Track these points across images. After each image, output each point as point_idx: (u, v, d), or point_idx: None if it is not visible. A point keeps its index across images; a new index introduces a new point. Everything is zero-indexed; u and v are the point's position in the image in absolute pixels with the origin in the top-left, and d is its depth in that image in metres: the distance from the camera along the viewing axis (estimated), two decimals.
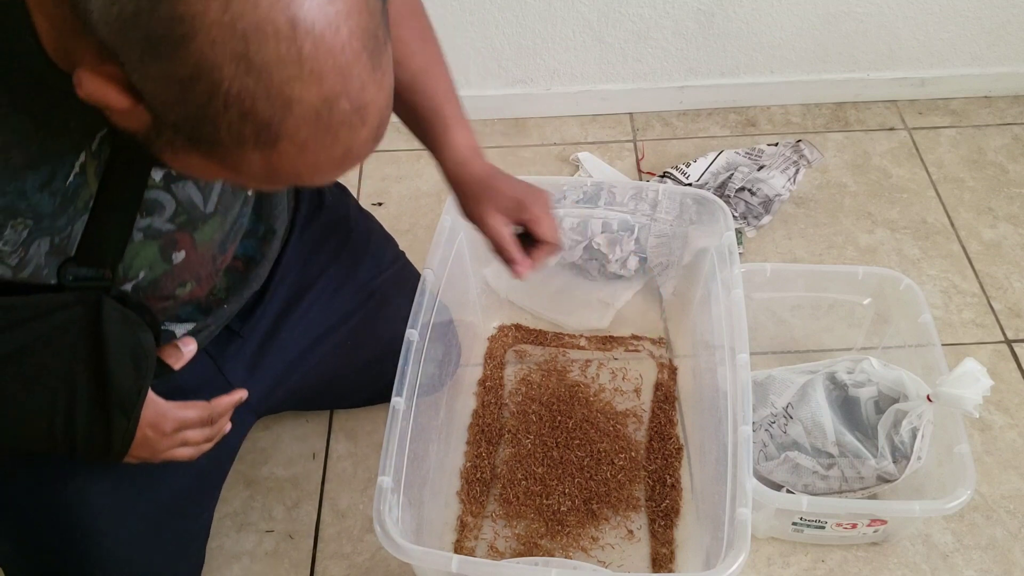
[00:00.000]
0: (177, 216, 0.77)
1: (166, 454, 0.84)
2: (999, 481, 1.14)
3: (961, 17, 1.57)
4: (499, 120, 1.68)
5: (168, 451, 0.84)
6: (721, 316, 1.05)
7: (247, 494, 1.15)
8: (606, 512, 1.11)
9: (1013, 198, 1.51)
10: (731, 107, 1.69)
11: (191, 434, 0.84)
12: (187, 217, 0.78)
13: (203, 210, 0.79)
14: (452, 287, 1.13)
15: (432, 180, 1.57)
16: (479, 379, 1.26)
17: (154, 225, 0.76)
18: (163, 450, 0.83)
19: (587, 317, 1.32)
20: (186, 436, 0.84)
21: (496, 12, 1.53)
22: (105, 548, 0.88)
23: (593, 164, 1.56)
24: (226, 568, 1.09)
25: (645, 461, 1.16)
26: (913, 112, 1.67)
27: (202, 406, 0.85)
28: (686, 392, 1.24)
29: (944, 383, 0.97)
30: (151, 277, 0.79)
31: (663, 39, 1.58)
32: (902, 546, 1.08)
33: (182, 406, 0.83)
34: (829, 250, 1.43)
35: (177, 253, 0.80)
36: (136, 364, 0.74)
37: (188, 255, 0.81)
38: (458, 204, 0.94)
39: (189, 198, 0.77)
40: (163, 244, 0.78)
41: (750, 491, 0.86)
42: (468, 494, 1.13)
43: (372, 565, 1.08)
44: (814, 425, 1.05)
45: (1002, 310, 1.34)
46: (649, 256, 1.28)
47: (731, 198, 1.43)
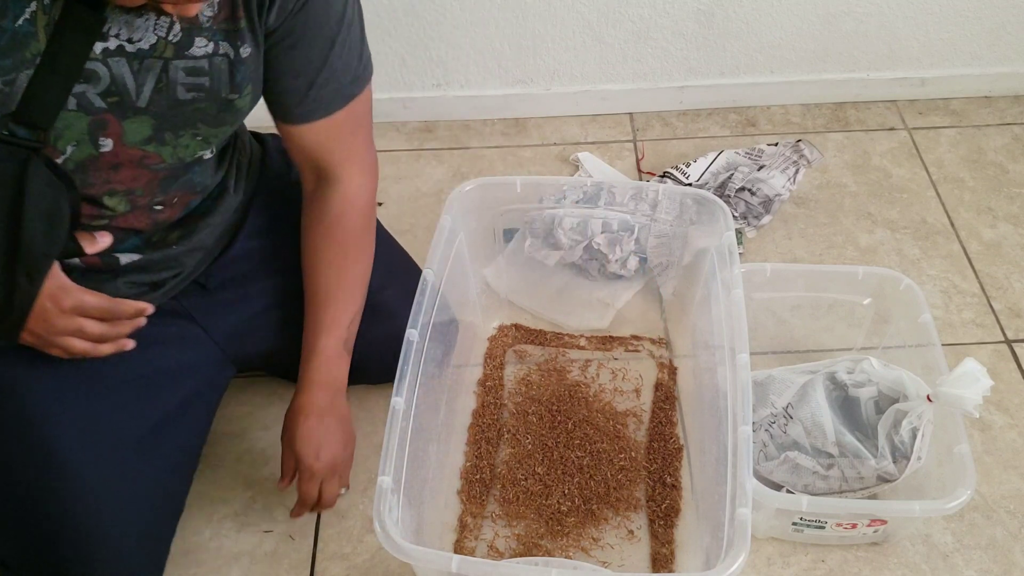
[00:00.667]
0: (110, 94, 0.80)
1: (60, 339, 0.85)
2: (999, 481, 1.14)
3: (961, 17, 1.58)
4: (499, 120, 1.68)
5: (62, 335, 0.85)
6: (721, 316, 1.05)
7: (248, 495, 1.15)
8: (606, 512, 1.11)
9: (1013, 198, 1.51)
10: (731, 107, 1.69)
11: (88, 323, 0.86)
12: (119, 99, 0.81)
13: (134, 99, 0.82)
14: (452, 287, 1.13)
15: (432, 180, 1.57)
16: (479, 379, 1.26)
17: (87, 95, 0.79)
18: (58, 331, 0.85)
19: (587, 317, 1.32)
20: (82, 324, 0.85)
21: (496, 12, 1.53)
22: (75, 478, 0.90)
23: (593, 164, 1.56)
24: (226, 568, 1.09)
25: (645, 461, 1.16)
26: (913, 112, 1.67)
27: (104, 298, 0.87)
28: (686, 392, 1.24)
29: (944, 383, 0.97)
30: (79, 157, 0.82)
31: (663, 39, 1.58)
32: (902, 546, 1.08)
33: (84, 290, 0.86)
34: (829, 250, 1.43)
35: (104, 139, 0.83)
36: (50, 227, 0.78)
37: (115, 148, 0.84)
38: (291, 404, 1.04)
39: (122, 77, 0.80)
40: (93, 122, 0.81)
41: (750, 491, 0.86)
42: (468, 494, 1.13)
43: (372, 565, 1.08)
44: (814, 425, 1.05)
45: (1002, 310, 1.34)
46: (649, 256, 1.28)
47: (731, 198, 1.43)
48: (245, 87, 0.87)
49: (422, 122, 1.68)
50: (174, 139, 0.87)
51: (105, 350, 0.89)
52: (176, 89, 0.83)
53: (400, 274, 1.14)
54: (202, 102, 0.85)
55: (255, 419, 1.23)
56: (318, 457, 1.00)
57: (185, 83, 0.83)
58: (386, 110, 1.66)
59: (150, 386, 0.97)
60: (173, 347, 1.00)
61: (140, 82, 0.81)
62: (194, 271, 1.02)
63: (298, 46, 0.88)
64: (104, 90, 0.80)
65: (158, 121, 0.85)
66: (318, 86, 0.92)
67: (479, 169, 1.59)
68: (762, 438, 1.09)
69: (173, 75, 0.82)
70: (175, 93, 0.83)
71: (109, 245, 0.89)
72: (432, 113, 1.67)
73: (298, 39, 0.88)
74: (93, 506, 0.91)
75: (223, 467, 1.18)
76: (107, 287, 0.91)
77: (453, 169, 1.59)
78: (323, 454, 1.01)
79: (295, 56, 0.89)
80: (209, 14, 0.81)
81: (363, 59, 0.95)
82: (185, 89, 0.84)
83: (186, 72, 0.83)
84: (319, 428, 1.01)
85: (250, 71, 0.87)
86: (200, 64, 0.83)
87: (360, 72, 0.95)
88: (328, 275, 1.01)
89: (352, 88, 0.95)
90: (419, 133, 1.66)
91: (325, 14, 0.88)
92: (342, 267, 1.01)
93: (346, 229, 1.01)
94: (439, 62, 1.60)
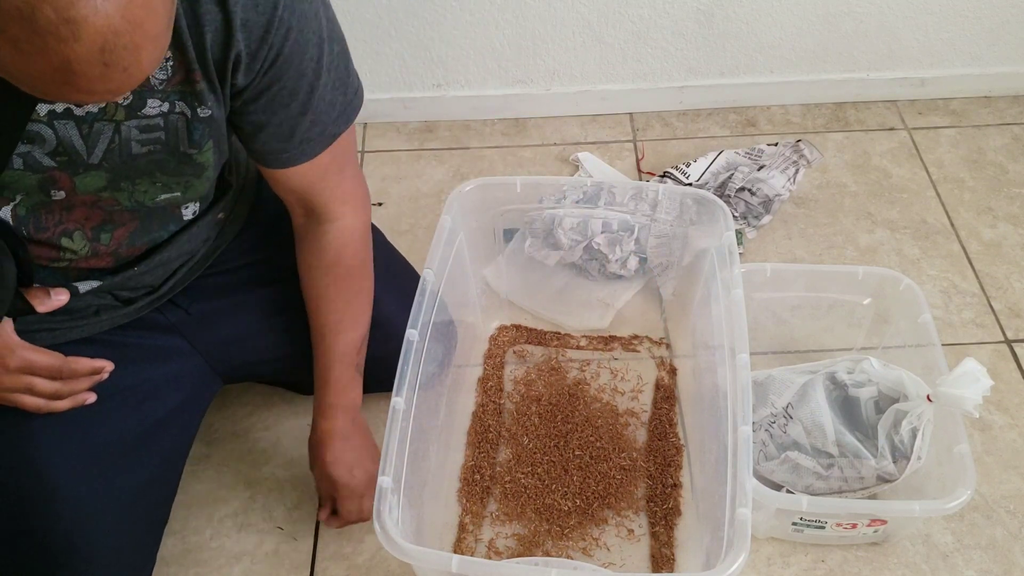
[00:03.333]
0: (58, 154, 0.78)
1: (9, 396, 0.85)
2: (999, 481, 1.14)
3: (961, 17, 1.58)
4: (499, 120, 1.68)
5: (11, 392, 0.84)
6: (721, 316, 1.05)
7: (247, 495, 1.15)
8: (606, 512, 1.11)
9: (1013, 198, 1.51)
10: (731, 107, 1.69)
11: (38, 382, 0.85)
12: (68, 159, 0.78)
13: (84, 158, 0.79)
14: (452, 287, 1.13)
15: (432, 180, 1.57)
16: (479, 379, 1.26)
17: (33, 155, 0.77)
18: (6, 388, 0.84)
19: (587, 317, 1.32)
20: (31, 382, 0.85)
21: (496, 12, 1.53)
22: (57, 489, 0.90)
23: (593, 164, 1.56)
24: (227, 568, 1.09)
25: (645, 461, 1.16)
26: (913, 112, 1.67)
27: (55, 356, 0.85)
28: (686, 392, 1.24)
29: (944, 383, 0.97)
30: (29, 203, 0.80)
31: (663, 39, 1.58)
32: (902, 546, 1.08)
33: (33, 349, 0.84)
34: (829, 250, 1.43)
35: (56, 191, 0.81)
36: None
37: (68, 196, 0.82)
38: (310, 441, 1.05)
39: (70, 140, 0.77)
40: (42, 179, 0.79)
41: (750, 491, 0.86)
42: (468, 494, 1.13)
43: (372, 565, 1.08)
44: (814, 425, 1.05)
45: (1002, 310, 1.34)
46: (649, 257, 1.28)
47: (731, 198, 1.43)
48: (205, 143, 0.84)
49: (422, 122, 1.68)
50: (131, 186, 0.84)
51: (60, 406, 0.88)
52: (130, 145, 0.80)
53: (398, 281, 1.14)
54: (159, 154, 0.83)
55: (256, 419, 1.23)
56: (354, 476, 1.02)
57: (139, 139, 0.80)
58: (386, 110, 1.66)
59: (134, 397, 0.97)
60: (158, 359, 1.00)
61: (91, 144, 0.78)
62: (173, 288, 1.00)
63: (276, 100, 0.84)
64: (51, 151, 0.77)
65: (112, 174, 0.82)
66: (300, 134, 0.88)
67: (479, 169, 1.59)
68: (762, 438, 1.09)
69: (126, 134, 0.79)
70: (129, 149, 0.81)
71: (64, 303, 0.86)
72: (432, 113, 1.68)
73: (275, 95, 0.84)
74: (75, 517, 0.90)
75: (224, 467, 1.18)
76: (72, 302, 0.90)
77: (453, 169, 1.59)
78: (357, 472, 1.03)
79: (274, 110, 0.85)
80: (162, 77, 0.77)
81: (348, 92, 0.90)
82: (140, 144, 0.81)
83: (140, 130, 0.80)
84: (348, 449, 1.02)
85: (210, 129, 0.84)
86: (154, 122, 0.80)
87: (344, 108, 0.90)
88: (334, 310, 1.01)
89: (336, 127, 0.91)
90: (419, 133, 1.66)
91: (300, 65, 0.82)
92: (347, 301, 1.01)
93: (347, 266, 1.00)
94: (439, 62, 1.60)
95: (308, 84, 0.84)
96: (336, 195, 0.96)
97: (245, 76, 0.80)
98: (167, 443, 1.01)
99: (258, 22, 0.77)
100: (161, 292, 0.99)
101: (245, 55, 0.78)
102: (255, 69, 0.80)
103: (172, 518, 1.07)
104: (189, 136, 0.83)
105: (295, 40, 0.80)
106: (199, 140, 0.83)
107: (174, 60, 0.77)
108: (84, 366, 0.88)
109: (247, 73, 0.80)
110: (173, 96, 0.79)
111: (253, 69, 0.80)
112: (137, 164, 0.83)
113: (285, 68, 0.82)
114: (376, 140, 1.65)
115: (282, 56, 0.80)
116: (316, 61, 0.84)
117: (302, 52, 0.82)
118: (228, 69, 0.79)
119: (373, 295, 1.04)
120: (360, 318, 1.03)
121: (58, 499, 0.90)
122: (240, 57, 0.78)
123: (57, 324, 0.92)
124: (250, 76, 0.81)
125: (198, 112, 0.81)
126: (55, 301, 0.86)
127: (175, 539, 1.11)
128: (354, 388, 1.04)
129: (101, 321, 0.95)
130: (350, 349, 1.02)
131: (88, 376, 0.89)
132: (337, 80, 0.87)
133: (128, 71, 0.60)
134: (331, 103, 0.88)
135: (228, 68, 0.79)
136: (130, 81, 0.62)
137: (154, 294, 0.98)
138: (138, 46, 0.60)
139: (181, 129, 0.82)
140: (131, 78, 0.61)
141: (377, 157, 1.61)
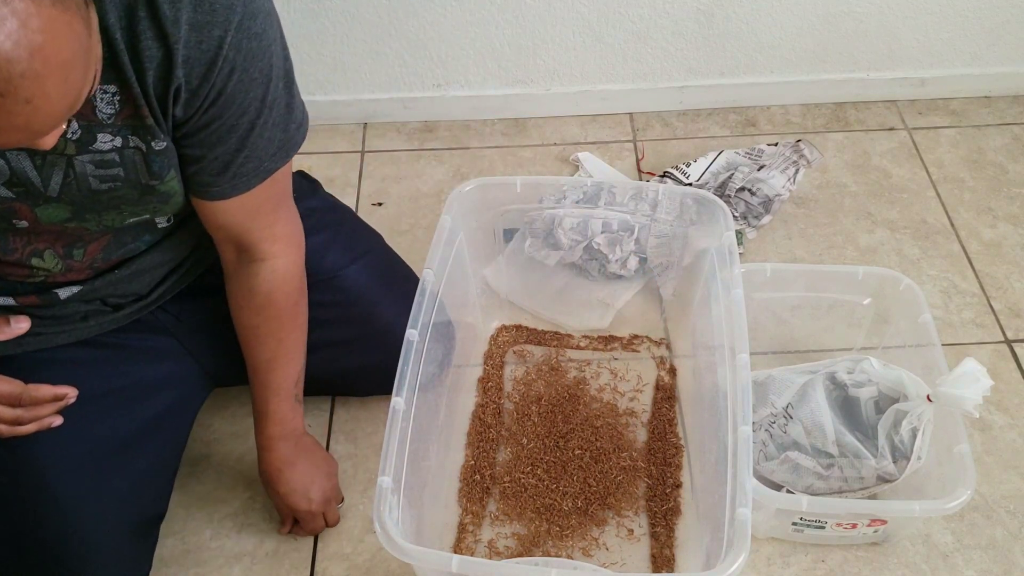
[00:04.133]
0: (14, 185, 0.77)
1: None
2: (999, 481, 1.14)
3: (961, 17, 1.57)
4: (499, 120, 1.68)
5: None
6: (721, 316, 1.05)
7: (247, 495, 1.15)
8: (606, 512, 1.11)
9: (1013, 198, 1.51)
10: (731, 107, 1.69)
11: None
12: (25, 190, 0.77)
13: (42, 191, 0.78)
14: (452, 287, 1.13)
15: (432, 180, 1.57)
16: (479, 379, 1.26)
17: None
18: None
19: (587, 317, 1.32)
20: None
21: (496, 12, 1.53)
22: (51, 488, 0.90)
23: (593, 164, 1.56)
24: (227, 568, 1.09)
25: (645, 461, 1.16)
26: (913, 112, 1.67)
27: (14, 383, 0.83)
28: (686, 392, 1.24)
29: (944, 383, 0.97)
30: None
31: (663, 39, 1.58)
32: (902, 546, 1.08)
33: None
34: (829, 250, 1.43)
35: (19, 220, 0.80)
36: None
37: (32, 226, 0.81)
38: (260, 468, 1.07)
39: (23, 171, 0.76)
40: (2, 209, 0.78)
41: (750, 491, 0.86)
42: (468, 494, 1.13)
43: (372, 565, 1.08)
44: (814, 425, 1.05)
45: (1002, 310, 1.34)
46: (649, 257, 1.28)
47: (731, 198, 1.43)
48: (167, 174, 0.82)
49: (422, 122, 1.68)
50: (96, 217, 0.83)
51: (23, 431, 0.85)
52: (88, 180, 0.78)
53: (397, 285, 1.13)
54: (120, 189, 0.80)
55: None
56: (311, 499, 1.05)
57: (96, 175, 0.78)
58: (386, 110, 1.66)
59: (127, 398, 0.97)
60: (151, 359, 1.00)
61: (45, 176, 0.77)
62: (162, 295, 0.99)
63: (213, 136, 0.81)
64: (7, 181, 0.76)
65: (74, 207, 0.80)
66: (234, 168, 0.84)
67: (479, 169, 1.59)
68: (762, 438, 1.09)
69: (81, 169, 0.77)
70: (88, 184, 0.79)
71: (25, 331, 0.85)
72: (432, 113, 1.67)
73: (214, 131, 0.81)
74: (70, 515, 0.90)
75: (224, 467, 1.18)
76: (57, 309, 0.90)
77: (453, 169, 1.59)
78: (313, 493, 1.05)
79: (211, 145, 0.82)
80: (110, 111, 0.75)
81: (290, 128, 0.87)
82: (99, 180, 0.79)
83: (95, 165, 0.78)
84: (297, 475, 1.05)
85: (169, 160, 0.81)
86: (109, 157, 0.78)
87: (283, 144, 0.87)
88: (267, 348, 0.99)
89: (272, 163, 0.87)
90: (419, 133, 1.66)
91: (242, 104, 0.80)
92: (280, 340, 0.99)
93: (278, 306, 0.97)
94: (439, 62, 1.60)
95: (248, 122, 0.81)
96: (268, 234, 0.93)
97: (184, 111, 0.78)
98: (161, 442, 1.01)
99: (200, 60, 0.74)
100: (150, 299, 0.98)
101: (185, 90, 0.75)
102: (195, 105, 0.77)
103: (172, 518, 1.07)
104: (148, 168, 0.80)
105: (239, 80, 0.77)
106: (159, 171, 0.81)
107: (121, 94, 0.74)
108: (45, 393, 0.84)
109: (186, 108, 0.77)
110: (124, 131, 0.77)
111: (193, 105, 0.77)
112: (100, 199, 0.81)
113: (227, 106, 0.79)
114: (376, 140, 1.65)
115: (224, 95, 0.78)
116: (260, 100, 0.81)
117: (245, 91, 0.79)
118: (168, 102, 0.76)
119: (307, 329, 1.02)
120: (294, 353, 1.01)
121: (53, 498, 0.90)
122: (180, 91, 0.75)
123: (44, 329, 0.92)
124: (189, 111, 0.78)
125: (152, 146, 0.79)
126: (15, 329, 0.85)
127: (175, 539, 1.11)
128: (294, 417, 1.04)
129: (90, 327, 0.95)
130: (287, 383, 1.02)
131: (51, 402, 0.85)
132: (278, 117, 0.84)
133: (32, 103, 0.56)
134: (269, 140, 0.85)
135: (168, 101, 0.76)
136: (39, 116, 0.58)
137: (142, 301, 0.98)
138: (39, 75, 0.56)
139: (139, 163, 0.79)
140: (38, 111, 0.58)
141: (377, 157, 1.61)
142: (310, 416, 1.23)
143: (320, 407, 1.24)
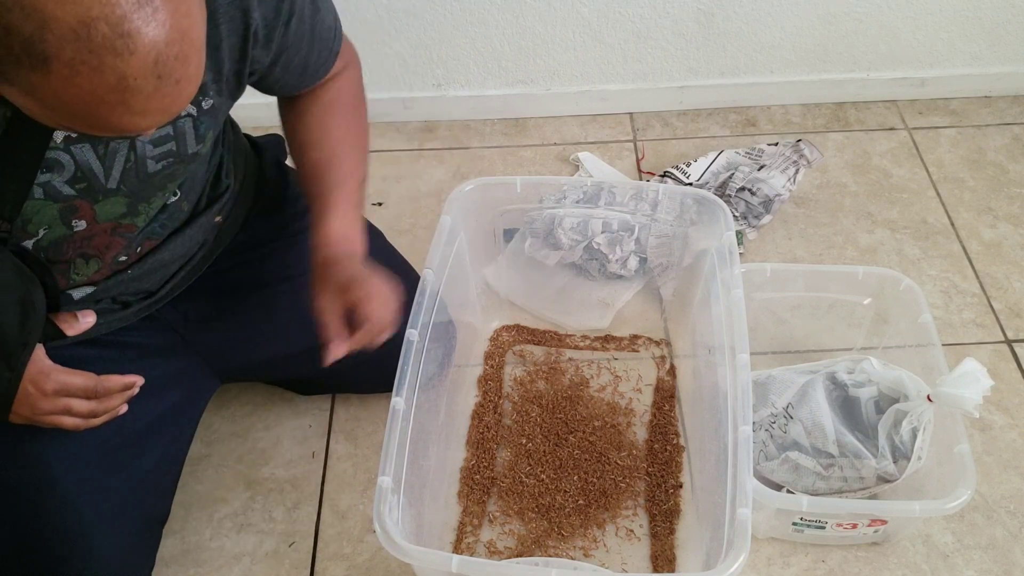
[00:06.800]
0: (77, 181, 0.78)
1: (48, 418, 0.86)
2: (999, 481, 1.14)
3: (961, 17, 1.58)
4: (499, 120, 1.68)
5: (49, 414, 0.85)
6: (721, 316, 1.05)
7: (247, 495, 1.15)
8: (606, 512, 1.11)
9: (1013, 198, 1.51)
10: (731, 107, 1.69)
11: (75, 403, 0.86)
12: (87, 185, 0.79)
13: (103, 182, 0.79)
14: (452, 287, 1.13)
15: (432, 180, 1.57)
16: (479, 379, 1.26)
17: (53, 183, 0.77)
18: (44, 411, 0.85)
19: (587, 317, 1.32)
20: (69, 403, 0.86)
21: (496, 12, 1.53)
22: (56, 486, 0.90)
23: (593, 164, 1.56)
24: (227, 568, 1.09)
25: (645, 461, 1.16)
26: (913, 112, 1.67)
27: (88, 376, 0.86)
28: (686, 392, 1.24)
29: (944, 383, 0.97)
30: (51, 237, 0.81)
31: (663, 39, 1.58)
32: (902, 546, 1.08)
33: (68, 372, 0.85)
34: (829, 250, 1.43)
35: (77, 221, 0.81)
36: (24, 316, 0.76)
37: (89, 227, 0.82)
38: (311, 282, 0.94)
39: (88, 163, 0.77)
40: (62, 208, 0.79)
41: (750, 491, 0.86)
42: (468, 494, 1.13)
43: (372, 566, 1.08)
44: (814, 425, 1.05)
45: (1002, 310, 1.34)
46: (649, 257, 1.28)
47: (731, 198, 1.43)
48: (207, 135, 0.85)
49: (422, 122, 1.68)
50: (147, 207, 0.86)
51: (96, 423, 0.89)
52: (146, 164, 0.81)
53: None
54: (171, 167, 0.84)
55: (256, 419, 1.23)
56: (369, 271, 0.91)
57: (153, 155, 0.81)
58: (386, 110, 1.66)
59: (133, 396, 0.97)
60: (157, 357, 1.00)
61: (108, 165, 0.79)
62: (170, 292, 1.00)
63: (292, 49, 0.88)
64: (71, 177, 0.77)
65: (131, 198, 0.83)
66: (312, 65, 0.93)
67: (479, 169, 1.59)
68: (762, 438, 1.09)
69: (141, 150, 0.80)
70: (145, 168, 0.81)
71: (92, 325, 0.89)
72: (432, 113, 1.68)
73: (291, 45, 0.87)
74: (75, 512, 0.91)
75: (224, 467, 1.18)
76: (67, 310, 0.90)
77: (453, 169, 1.59)
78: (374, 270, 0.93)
79: (288, 61, 0.89)
80: None
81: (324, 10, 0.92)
82: (155, 161, 0.82)
83: (153, 144, 0.80)
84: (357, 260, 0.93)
85: (213, 120, 0.85)
86: (165, 131, 0.81)
87: (333, 25, 0.94)
88: (334, 139, 0.98)
89: (336, 44, 0.95)
90: (419, 133, 1.66)
91: (301, 13, 0.86)
92: (348, 130, 1.00)
93: (344, 104, 1.00)
94: (439, 62, 1.60)
95: (309, 26, 0.88)
96: None
97: (264, 50, 0.83)
98: (166, 440, 1.01)
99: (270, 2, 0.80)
100: (158, 296, 0.99)
101: (263, 29, 0.81)
102: (273, 38, 0.83)
103: (172, 518, 1.07)
104: (196, 133, 0.83)
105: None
106: (204, 133, 0.84)
107: None
108: (117, 383, 0.89)
109: (265, 47, 0.83)
110: None
111: (272, 40, 0.83)
112: (152, 182, 0.83)
113: (297, 26, 0.85)
114: (376, 140, 1.65)
115: (294, 13, 0.84)
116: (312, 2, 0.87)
117: (302, 4, 0.85)
118: (248, 58, 0.81)
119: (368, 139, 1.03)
120: (362, 155, 1.00)
121: (58, 494, 0.90)
122: (257, 32, 0.81)
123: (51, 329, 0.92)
124: (270, 51, 0.84)
125: (202, 105, 0.82)
126: (83, 324, 0.88)
127: (175, 539, 1.11)
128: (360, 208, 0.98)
129: (98, 325, 0.95)
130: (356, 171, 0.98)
131: (121, 392, 0.90)
132: (324, 3, 0.91)
133: (179, 84, 0.60)
134: (329, 27, 0.92)
135: (248, 48, 0.81)
136: (180, 96, 0.62)
137: (151, 298, 0.98)
138: (186, 56, 0.60)
139: (189, 131, 0.82)
140: (182, 92, 0.61)
141: (377, 157, 1.61)
142: (310, 416, 1.23)
143: (320, 407, 1.24)
